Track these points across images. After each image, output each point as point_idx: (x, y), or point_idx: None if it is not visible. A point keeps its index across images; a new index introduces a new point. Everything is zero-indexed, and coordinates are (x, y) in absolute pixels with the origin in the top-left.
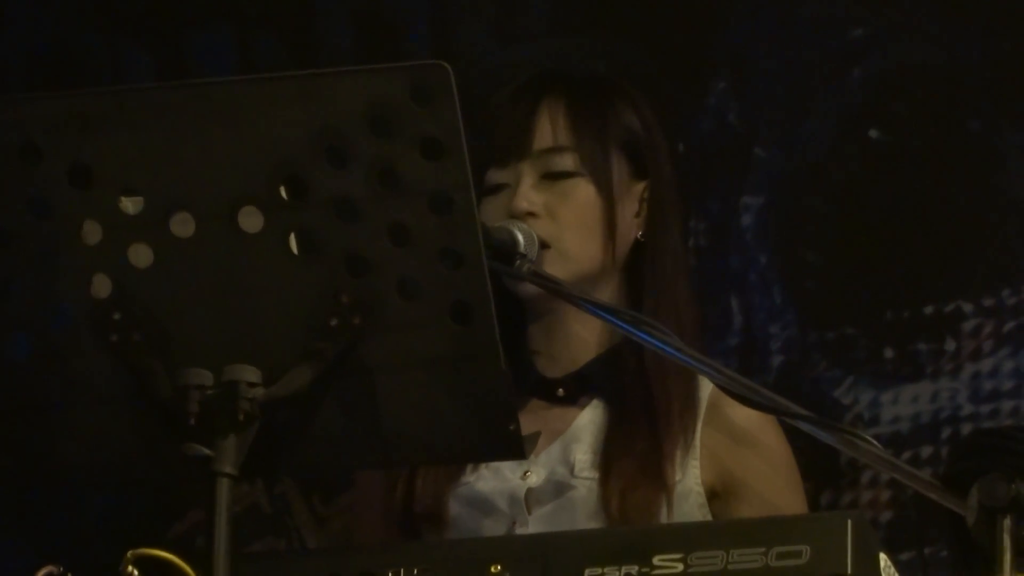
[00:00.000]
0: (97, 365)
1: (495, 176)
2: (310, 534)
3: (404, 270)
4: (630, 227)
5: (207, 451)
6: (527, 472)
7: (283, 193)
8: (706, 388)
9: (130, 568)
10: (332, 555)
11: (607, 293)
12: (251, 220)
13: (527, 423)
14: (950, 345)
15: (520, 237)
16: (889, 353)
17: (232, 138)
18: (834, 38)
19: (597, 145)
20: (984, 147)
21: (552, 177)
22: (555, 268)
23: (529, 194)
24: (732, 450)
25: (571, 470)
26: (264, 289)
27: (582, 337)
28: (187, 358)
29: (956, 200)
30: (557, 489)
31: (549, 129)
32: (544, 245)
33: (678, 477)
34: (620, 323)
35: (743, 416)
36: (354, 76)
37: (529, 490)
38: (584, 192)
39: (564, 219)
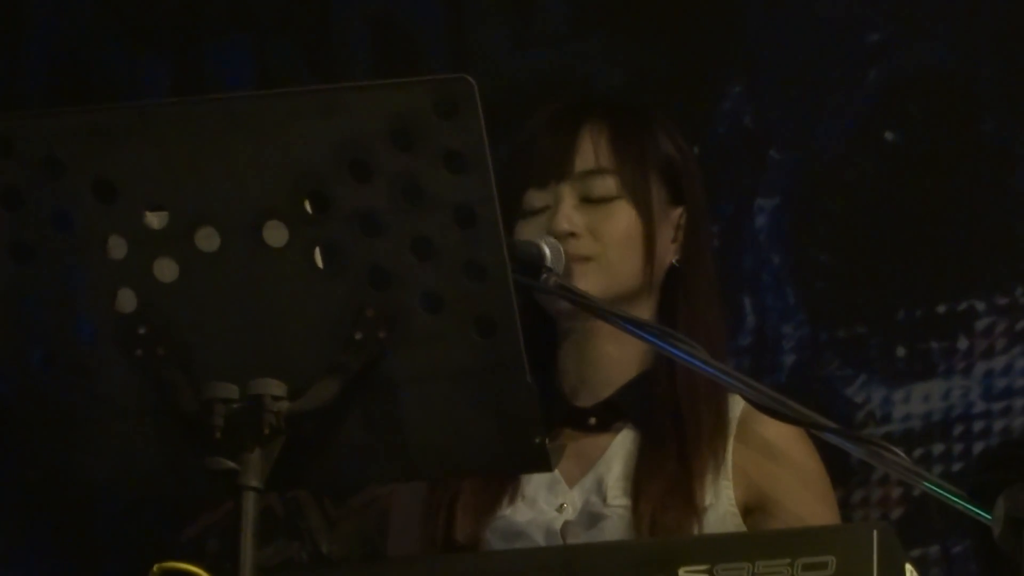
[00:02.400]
0: (122, 379)
1: (534, 198)
2: (322, 537)
3: (428, 284)
4: (667, 251)
5: (233, 465)
6: (563, 504)
7: (307, 207)
8: (736, 407)
9: None
10: (359, 568)
11: (642, 314)
12: (276, 234)
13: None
14: (963, 343)
15: (547, 251)
16: (901, 352)
17: (255, 152)
18: (849, 41)
19: (638, 169)
20: (997, 149)
21: (592, 200)
22: (597, 281)
23: (571, 215)
24: (763, 467)
25: (604, 499)
26: (289, 303)
27: (614, 359)
28: (212, 372)
29: (969, 200)
30: (591, 520)
31: (591, 151)
32: (585, 258)
33: (709, 500)
34: (648, 336)
35: (773, 432)
36: (377, 90)
37: (566, 523)
38: (625, 214)
39: (606, 238)
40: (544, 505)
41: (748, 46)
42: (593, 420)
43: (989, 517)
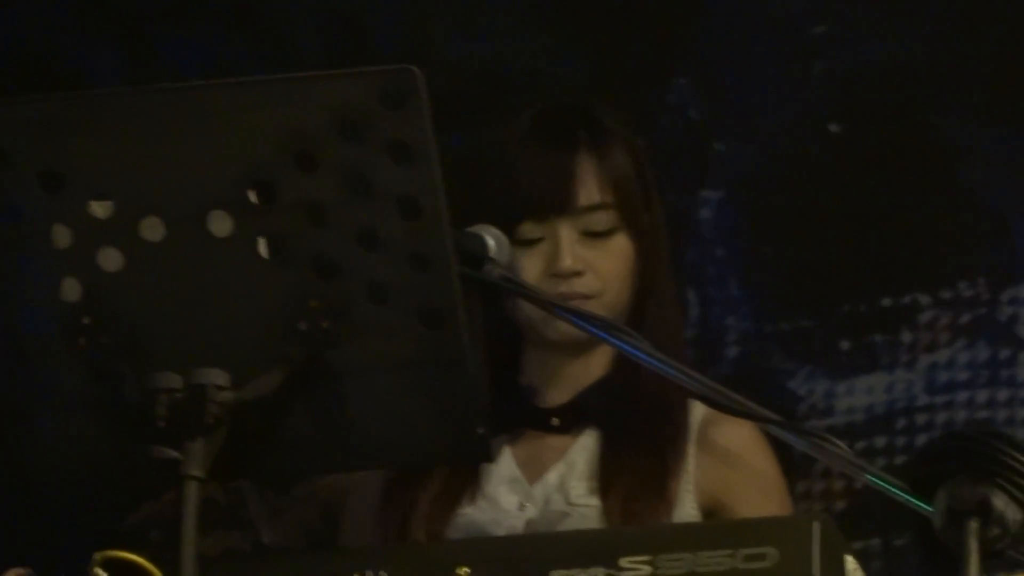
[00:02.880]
0: (66, 369)
1: (530, 230)
2: (264, 526)
3: (373, 274)
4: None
5: (175, 454)
6: (524, 504)
7: (253, 197)
8: (696, 414)
9: (97, 570)
10: (300, 557)
11: None
12: (221, 224)
13: (523, 453)
14: (906, 337)
15: (491, 242)
16: (845, 345)
17: (201, 143)
18: (794, 34)
19: (636, 202)
20: (943, 142)
21: (592, 232)
22: None
23: (574, 251)
24: (720, 474)
25: (567, 498)
26: (233, 293)
27: (577, 364)
28: (156, 362)
29: (914, 194)
30: (554, 518)
31: (593, 186)
32: (587, 297)
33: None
34: (592, 328)
35: (731, 439)
36: (323, 81)
37: (528, 521)
38: (623, 248)
39: (605, 273)
40: (506, 504)
41: (693, 38)
42: (556, 420)
43: (930, 510)
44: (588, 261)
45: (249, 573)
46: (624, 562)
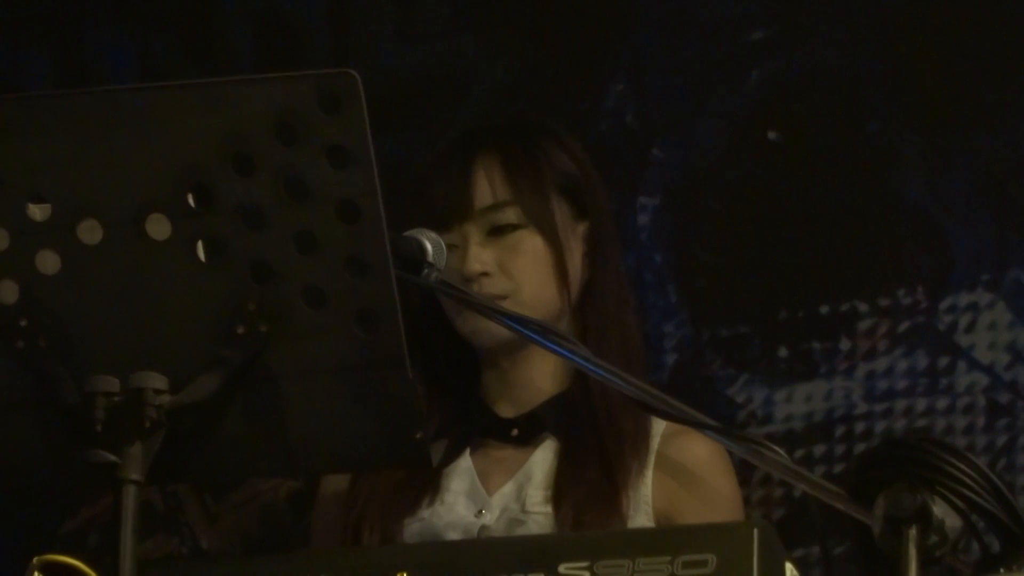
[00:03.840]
0: (2, 371)
1: (445, 238)
2: (202, 531)
3: (310, 278)
4: (579, 269)
5: (113, 458)
6: (481, 511)
7: (190, 201)
8: (656, 431)
9: (36, 574)
10: (240, 562)
11: None
12: (159, 227)
13: (482, 463)
14: (845, 344)
15: (428, 246)
16: (783, 352)
17: (139, 145)
18: (732, 40)
19: (537, 196)
20: (881, 149)
21: (497, 232)
22: None
23: (479, 254)
24: (675, 491)
25: (523, 506)
26: (171, 296)
27: (535, 378)
28: (94, 365)
29: (853, 201)
30: (509, 525)
31: (487, 186)
32: (500, 297)
33: (630, 512)
34: (528, 332)
35: (689, 456)
36: (261, 84)
37: (483, 527)
38: (532, 244)
39: (517, 273)
40: (462, 510)
41: (631, 43)
42: (515, 431)
43: (869, 518)
44: (496, 261)
45: None
46: (564, 568)
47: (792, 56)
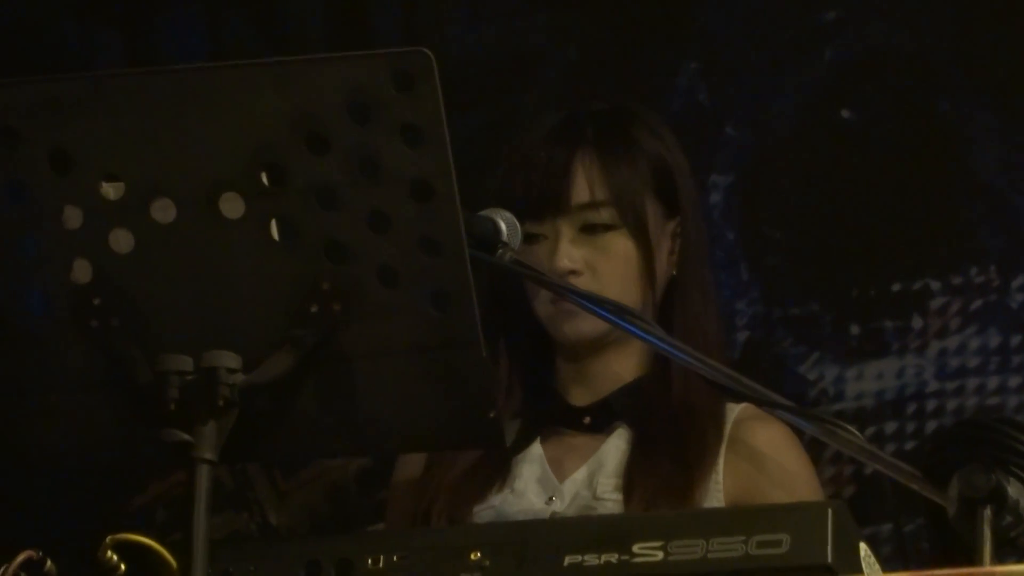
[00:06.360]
0: (76, 351)
1: (530, 227)
2: (271, 508)
3: (384, 257)
4: (666, 268)
5: (186, 437)
6: (552, 497)
7: (263, 179)
8: (729, 417)
9: (109, 553)
10: (311, 541)
11: None
12: (232, 206)
13: (553, 450)
14: (917, 322)
15: (503, 226)
16: (855, 330)
17: (211, 124)
18: (805, 19)
19: (633, 199)
20: (953, 128)
21: (590, 230)
22: (596, 318)
23: (571, 251)
24: (750, 475)
25: (594, 493)
26: (244, 275)
27: (611, 366)
28: (167, 344)
29: (925, 179)
30: (579, 512)
31: (585, 184)
32: None
33: (702, 501)
34: (603, 312)
35: (761, 438)
36: (334, 63)
37: (553, 514)
38: (623, 246)
39: (605, 274)
40: (533, 497)
41: (704, 22)
42: (588, 419)
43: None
44: (585, 260)
45: (258, 555)
46: (637, 548)
47: (864, 35)
